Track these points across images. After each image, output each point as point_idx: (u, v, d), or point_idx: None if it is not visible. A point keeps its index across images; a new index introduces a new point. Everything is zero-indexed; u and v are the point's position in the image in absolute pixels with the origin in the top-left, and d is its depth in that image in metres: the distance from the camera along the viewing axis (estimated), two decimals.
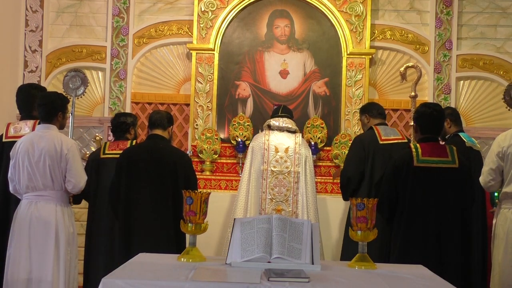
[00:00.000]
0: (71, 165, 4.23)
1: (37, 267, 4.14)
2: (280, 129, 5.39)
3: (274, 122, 5.40)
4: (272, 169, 5.22)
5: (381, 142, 5.15)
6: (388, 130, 5.30)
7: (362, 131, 5.67)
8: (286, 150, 5.25)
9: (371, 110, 5.40)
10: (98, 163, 5.11)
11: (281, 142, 5.29)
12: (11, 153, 4.34)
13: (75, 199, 4.58)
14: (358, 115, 5.72)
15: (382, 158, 5.05)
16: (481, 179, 4.37)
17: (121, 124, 5.25)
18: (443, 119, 4.23)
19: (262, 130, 5.70)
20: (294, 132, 5.42)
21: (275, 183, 5.19)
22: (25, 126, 4.61)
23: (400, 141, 5.18)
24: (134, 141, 5.11)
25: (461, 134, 5.39)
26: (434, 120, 4.13)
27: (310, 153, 5.48)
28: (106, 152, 5.10)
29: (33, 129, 4.52)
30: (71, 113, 4.55)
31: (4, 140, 4.63)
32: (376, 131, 5.23)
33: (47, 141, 4.21)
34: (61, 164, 4.22)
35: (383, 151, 5.09)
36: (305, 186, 5.25)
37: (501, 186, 4.36)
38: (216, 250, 5.63)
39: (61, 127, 4.44)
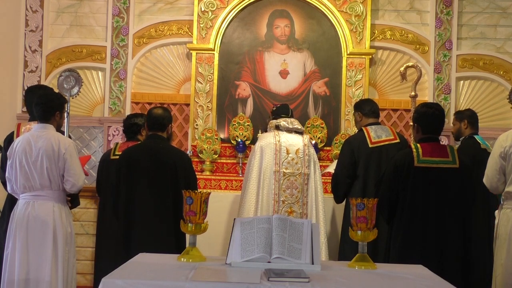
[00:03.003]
0: (69, 165, 4.22)
1: (35, 267, 4.13)
2: (289, 130, 5.31)
3: (284, 123, 5.30)
4: (284, 170, 5.16)
5: (371, 146, 5.09)
6: (380, 131, 5.20)
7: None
8: (297, 151, 5.20)
9: (364, 108, 5.29)
10: (107, 164, 5.14)
11: (291, 144, 5.22)
12: (8, 153, 4.33)
13: (73, 203, 4.58)
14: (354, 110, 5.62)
15: (374, 161, 5.03)
16: (487, 181, 4.34)
17: (132, 126, 5.27)
18: (444, 119, 4.22)
19: (265, 130, 5.64)
20: (301, 133, 5.36)
21: (287, 185, 5.15)
22: None
23: (391, 141, 5.13)
24: None
25: (476, 137, 5.53)
26: (436, 120, 4.12)
27: (315, 152, 5.46)
28: (116, 153, 5.13)
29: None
30: (67, 113, 4.55)
31: (15, 139, 4.62)
32: (366, 134, 5.14)
33: (45, 140, 4.20)
34: (59, 163, 4.21)
35: (374, 154, 5.05)
36: (315, 186, 5.23)
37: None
38: (216, 250, 5.62)
39: (59, 126, 4.43)
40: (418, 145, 4.07)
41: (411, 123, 4.47)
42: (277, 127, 5.32)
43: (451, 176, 3.99)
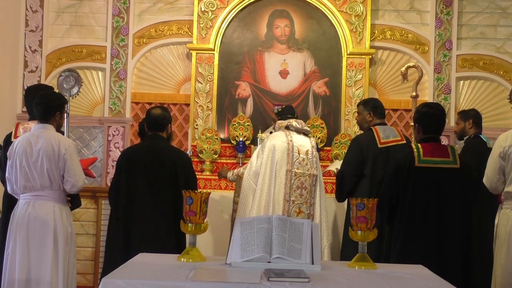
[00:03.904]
0: (69, 165, 4.22)
1: (35, 267, 4.13)
2: (298, 130, 5.31)
3: (296, 124, 5.29)
4: (296, 170, 5.15)
5: (380, 146, 5.12)
6: (388, 131, 5.24)
7: (360, 131, 5.66)
8: (307, 152, 5.20)
9: (377, 109, 5.33)
10: None
11: (301, 144, 5.22)
12: (8, 153, 4.33)
13: (74, 203, 4.58)
14: (360, 107, 5.57)
15: (382, 161, 5.05)
16: (487, 181, 4.34)
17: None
18: (445, 119, 4.22)
19: (268, 131, 5.62)
20: (307, 134, 5.37)
21: (297, 185, 5.14)
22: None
23: (399, 142, 5.16)
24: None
25: (481, 136, 5.60)
26: (436, 120, 4.12)
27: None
28: None
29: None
30: (67, 113, 4.55)
31: (13, 139, 4.62)
32: (375, 133, 5.17)
33: (45, 141, 4.20)
34: (59, 164, 4.20)
35: (382, 154, 5.08)
36: (320, 188, 5.24)
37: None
38: (215, 250, 5.63)
39: (58, 127, 4.43)
40: (419, 145, 4.07)
41: (412, 123, 4.48)
42: (287, 128, 5.31)
43: (451, 176, 3.99)
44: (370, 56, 6.82)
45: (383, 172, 4.92)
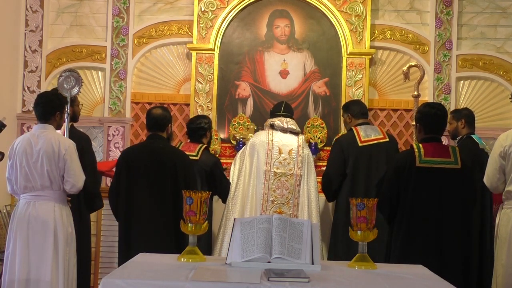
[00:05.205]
0: (69, 165, 4.21)
1: (35, 267, 4.13)
2: (284, 129, 5.30)
3: (278, 122, 5.29)
4: (275, 170, 5.14)
5: (360, 144, 5.14)
6: (369, 130, 5.26)
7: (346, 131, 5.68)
8: (290, 152, 5.19)
9: (353, 110, 5.35)
10: None
11: (284, 144, 5.21)
12: (8, 153, 4.33)
13: (97, 205, 4.65)
14: (341, 112, 5.68)
15: (364, 159, 5.07)
16: (487, 180, 4.34)
17: (198, 129, 5.31)
18: (446, 119, 4.22)
19: (262, 129, 5.64)
20: (296, 133, 5.36)
21: (277, 185, 5.13)
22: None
23: (381, 140, 5.18)
24: (203, 146, 5.19)
25: (473, 136, 5.53)
26: (438, 120, 4.12)
27: (310, 153, 5.46)
28: None
29: (63, 133, 4.55)
30: (67, 113, 4.55)
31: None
32: (356, 133, 5.19)
33: (45, 141, 4.20)
34: (59, 164, 4.20)
35: (364, 152, 5.10)
36: (308, 188, 5.22)
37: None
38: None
39: (58, 127, 4.43)
40: (420, 145, 4.07)
41: (413, 123, 4.48)
42: (272, 126, 5.31)
43: (452, 176, 3.98)
44: (370, 56, 6.82)
45: (364, 170, 4.99)
